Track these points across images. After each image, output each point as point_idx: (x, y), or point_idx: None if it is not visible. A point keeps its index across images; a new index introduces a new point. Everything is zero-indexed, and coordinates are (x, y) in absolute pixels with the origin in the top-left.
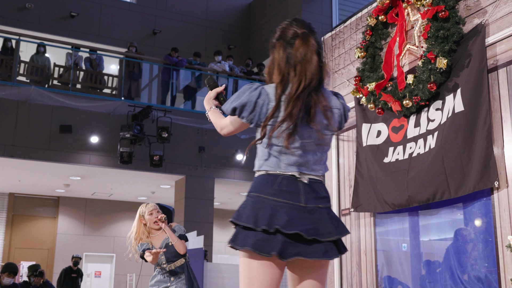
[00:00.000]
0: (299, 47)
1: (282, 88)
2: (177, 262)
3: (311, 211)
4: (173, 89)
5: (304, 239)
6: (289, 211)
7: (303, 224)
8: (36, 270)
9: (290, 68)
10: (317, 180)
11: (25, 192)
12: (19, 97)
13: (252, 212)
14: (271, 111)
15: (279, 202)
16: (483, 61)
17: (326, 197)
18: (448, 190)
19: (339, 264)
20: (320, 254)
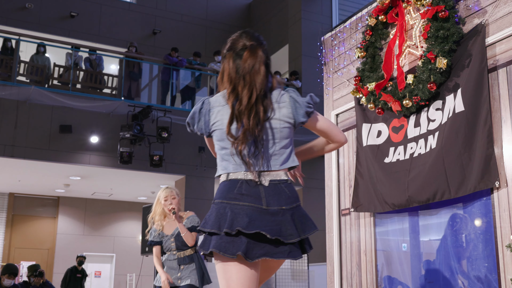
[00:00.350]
0: (248, 59)
1: (235, 97)
2: (186, 252)
3: (274, 213)
4: (173, 89)
5: (268, 240)
6: (250, 213)
7: (266, 225)
8: (36, 270)
9: (239, 78)
10: (281, 181)
11: (25, 192)
12: (19, 97)
13: (216, 218)
14: (229, 118)
15: (241, 206)
16: (483, 61)
17: (290, 197)
18: (448, 190)
19: (339, 264)
20: (285, 254)
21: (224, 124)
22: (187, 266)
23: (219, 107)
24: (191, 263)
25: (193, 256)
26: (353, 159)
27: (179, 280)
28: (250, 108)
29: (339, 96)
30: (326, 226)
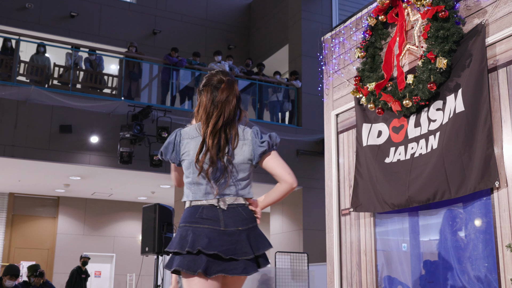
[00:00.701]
0: (224, 90)
1: (207, 125)
2: None
3: (231, 233)
4: (173, 89)
5: (224, 258)
6: (210, 234)
7: (222, 245)
8: (36, 270)
9: (214, 108)
10: (238, 204)
11: (25, 192)
12: (19, 97)
13: (179, 240)
14: (199, 147)
15: (201, 228)
16: (483, 61)
17: (247, 219)
18: (448, 190)
19: (339, 264)
20: (239, 271)
21: (191, 155)
22: None
23: (189, 139)
24: None
25: None
26: (353, 159)
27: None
28: (215, 133)
29: (339, 96)
30: (326, 226)
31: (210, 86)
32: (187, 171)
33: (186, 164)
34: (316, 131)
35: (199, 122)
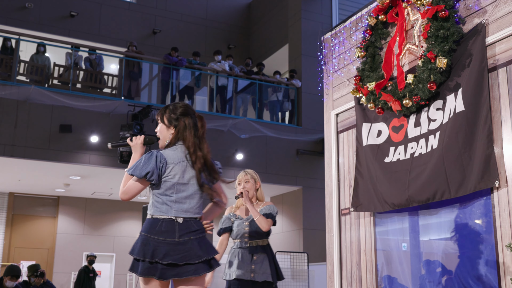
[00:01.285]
0: (203, 126)
1: (195, 158)
2: (259, 241)
3: (184, 242)
4: (173, 88)
5: (179, 265)
6: (166, 246)
7: (177, 254)
8: (37, 270)
9: (195, 138)
10: (192, 218)
11: (25, 192)
12: (19, 96)
13: (141, 247)
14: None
15: (159, 240)
16: (484, 60)
17: (197, 230)
18: (448, 190)
19: (339, 264)
20: (191, 273)
21: (176, 178)
22: (261, 259)
23: (174, 164)
24: (263, 254)
25: (266, 247)
26: (353, 159)
27: (252, 274)
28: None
29: (339, 96)
30: (326, 226)
31: (190, 116)
32: (168, 191)
33: (168, 185)
34: (316, 131)
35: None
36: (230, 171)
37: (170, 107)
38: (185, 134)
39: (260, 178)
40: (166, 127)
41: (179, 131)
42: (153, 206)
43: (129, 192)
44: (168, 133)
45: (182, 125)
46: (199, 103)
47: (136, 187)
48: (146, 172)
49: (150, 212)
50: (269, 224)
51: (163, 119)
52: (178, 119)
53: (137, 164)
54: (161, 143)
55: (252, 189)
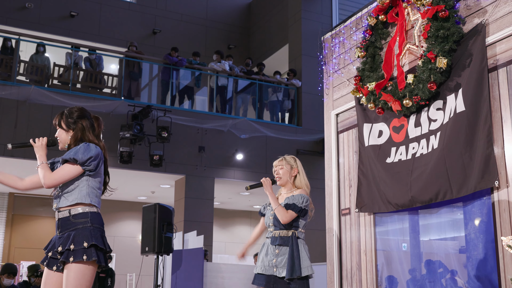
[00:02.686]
0: (100, 124)
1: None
2: (282, 232)
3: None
4: (173, 88)
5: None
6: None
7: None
8: (37, 270)
9: (94, 137)
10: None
11: (25, 192)
12: (19, 96)
13: (103, 240)
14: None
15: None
16: (484, 60)
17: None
18: (450, 190)
19: (339, 264)
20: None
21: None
22: (283, 252)
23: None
24: (285, 246)
25: (289, 238)
26: (353, 159)
27: (275, 268)
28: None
29: (339, 96)
30: (326, 226)
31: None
32: (100, 184)
33: (100, 179)
34: (316, 131)
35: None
36: (230, 171)
37: (66, 112)
38: (86, 134)
39: (259, 178)
40: (65, 131)
41: (78, 133)
42: (88, 196)
43: (62, 177)
44: (67, 136)
45: (80, 127)
46: (199, 103)
47: (70, 172)
48: (88, 157)
49: (87, 201)
50: (288, 216)
51: (60, 124)
52: (76, 122)
53: (75, 150)
54: (61, 145)
55: (287, 175)
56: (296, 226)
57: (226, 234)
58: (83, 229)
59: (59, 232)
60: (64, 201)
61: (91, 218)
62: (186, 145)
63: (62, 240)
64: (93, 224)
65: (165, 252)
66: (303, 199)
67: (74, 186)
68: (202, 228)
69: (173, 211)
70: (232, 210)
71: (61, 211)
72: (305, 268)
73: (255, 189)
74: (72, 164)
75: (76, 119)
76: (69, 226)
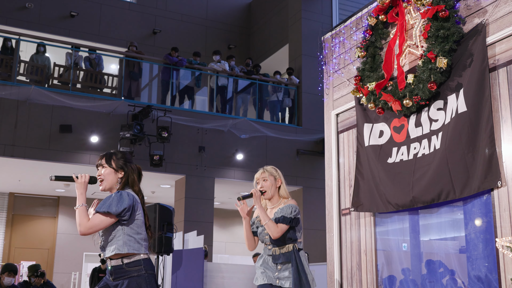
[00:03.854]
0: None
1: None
2: (283, 248)
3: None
4: (173, 88)
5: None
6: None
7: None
8: (37, 270)
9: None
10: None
11: (25, 192)
12: (19, 96)
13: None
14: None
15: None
16: (484, 60)
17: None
18: (453, 191)
19: (339, 264)
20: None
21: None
22: (285, 267)
23: (139, 204)
24: (287, 262)
25: (290, 254)
26: (353, 159)
27: (278, 280)
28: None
29: (339, 96)
30: (326, 226)
31: (133, 163)
32: (140, 229)
33: (139, 223)
34: (316, 131)
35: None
36: (230, 171)
37: (117, 153)
38: (134, 178)
39: None
40: (114, 171)
41: (128, 176)
42: (126, 245)
43: (95, 227)
44: (116, 177)
45: (131, 170)
46: (199, 103)
47: (104, 222)
48: (122, 209)
49: (124, 250)
50: (279, 231)
51: (110, 163)
52: (126, 164)
53: (109, 202)
54: (107, 186)
55: (272, 187)
56: (294, 239)
57: (226, 234)
58: (138, 277)
59: (113, 279)
60: (108, 252)
61: (144, 266)
62: (186, 145)
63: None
64: (147, 271)
65: (165, 252)
66: (291, 209)
67: (112, 236)
68: (202, 228)
69: (173, 211)
70: (232, 210)
71: (113, 259)
72: (311, 280)
73: None
74: (107, 216)
75: (127, 162)
76: (123, 274)
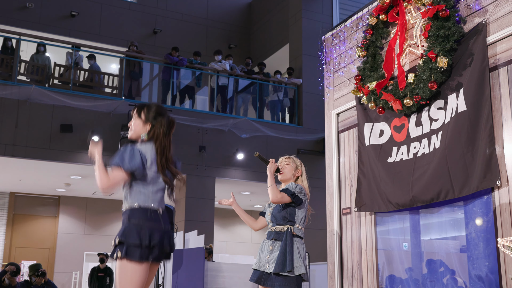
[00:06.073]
0: (173, 127)
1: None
2: (278, 227)
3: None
4: (174, 88)
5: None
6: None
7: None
8: (38, 270)
9: (165, 138)
10: (165, 209)
11: (26, 192)
12: (20, 96)
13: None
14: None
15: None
16: (485, 60)
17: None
18: (452, 190)
19: (339, 263)
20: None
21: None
22: (276, 248)
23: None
24: (278, 241)
25: (283, 234)
26: (354, 158)
27: (267, 265)
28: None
29: (339, 95)
30: (327, 225)
31: (165, 117)
32: (150, 182)
33: (150, 177)
34: (316, 130)
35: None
36: (231, 171)
37: (148, 105)
38: (159, 132)
39: (260, 177)
40: (143, 123)
41: (155, 130)
42: (131, 196)
43: (116, 183)
44: (143, 129)
45: (158, 125)
46: (200, 103)
47: (121, 178)
48: (134, 165)
49: (130, 201)
50: (280, 196)
51: (140, 114)
52: (156, 117)
53: (120, 157)
54: (134, 135)
55: (290, 172)
56: (292, 221)
57: (227, 233)
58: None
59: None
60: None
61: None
62: (186, 144)
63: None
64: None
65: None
66: (296, 186)
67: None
68: (202, 228)
69: (174, 210)
70: (233, 209)
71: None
72: (296, 267)
73: (257, 187)
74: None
75: (156, 115)
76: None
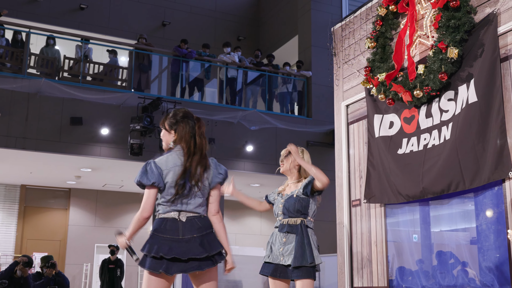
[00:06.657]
0: (202, 126)
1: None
2: (291, 220)
3: (188, 240)
4: (183, 80)
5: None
6: (170, 243)
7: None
8: (49, 261)
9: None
10: (195, 216)
11: (37, 184)
12: (30, 89)
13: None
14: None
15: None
16: (496, 50)
17: (201, 227)
18: (463, 181)
19: (349, 255)
20: (195, 268)
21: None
22: (290, 240)
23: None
24: (293, 233)
25: (297, 227)
26: (363, 150)
27: (282, 257)
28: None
29: (349, 87)
30: (337, 217)
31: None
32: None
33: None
34: (326, 122)
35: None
36: (240, 163)
37: (170, 114)
38: (182, 135)
39: (269, 169)
40: (168, 132)
41: (178, 134)
42: (157, 206)
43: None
44: (170, 138)
45: (181, 128)
46: (209, 95)
47: (147, 195)
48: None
49: (156, 211)
50: (326, 177)
51: (164, 125)
52: (177, 122)
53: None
54: (164, 146)
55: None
56: (306, 213)
57: (237, 225)
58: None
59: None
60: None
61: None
62: None
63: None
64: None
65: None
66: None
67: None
68: None
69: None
70: None
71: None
72: (316, 256)
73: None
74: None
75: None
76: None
